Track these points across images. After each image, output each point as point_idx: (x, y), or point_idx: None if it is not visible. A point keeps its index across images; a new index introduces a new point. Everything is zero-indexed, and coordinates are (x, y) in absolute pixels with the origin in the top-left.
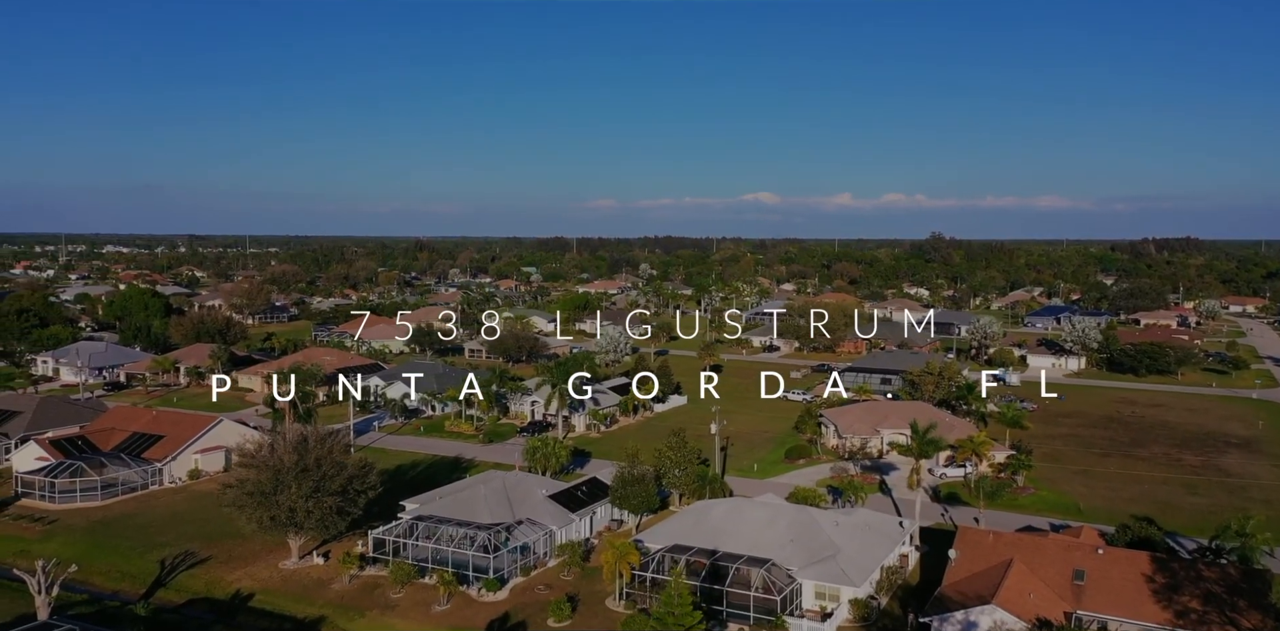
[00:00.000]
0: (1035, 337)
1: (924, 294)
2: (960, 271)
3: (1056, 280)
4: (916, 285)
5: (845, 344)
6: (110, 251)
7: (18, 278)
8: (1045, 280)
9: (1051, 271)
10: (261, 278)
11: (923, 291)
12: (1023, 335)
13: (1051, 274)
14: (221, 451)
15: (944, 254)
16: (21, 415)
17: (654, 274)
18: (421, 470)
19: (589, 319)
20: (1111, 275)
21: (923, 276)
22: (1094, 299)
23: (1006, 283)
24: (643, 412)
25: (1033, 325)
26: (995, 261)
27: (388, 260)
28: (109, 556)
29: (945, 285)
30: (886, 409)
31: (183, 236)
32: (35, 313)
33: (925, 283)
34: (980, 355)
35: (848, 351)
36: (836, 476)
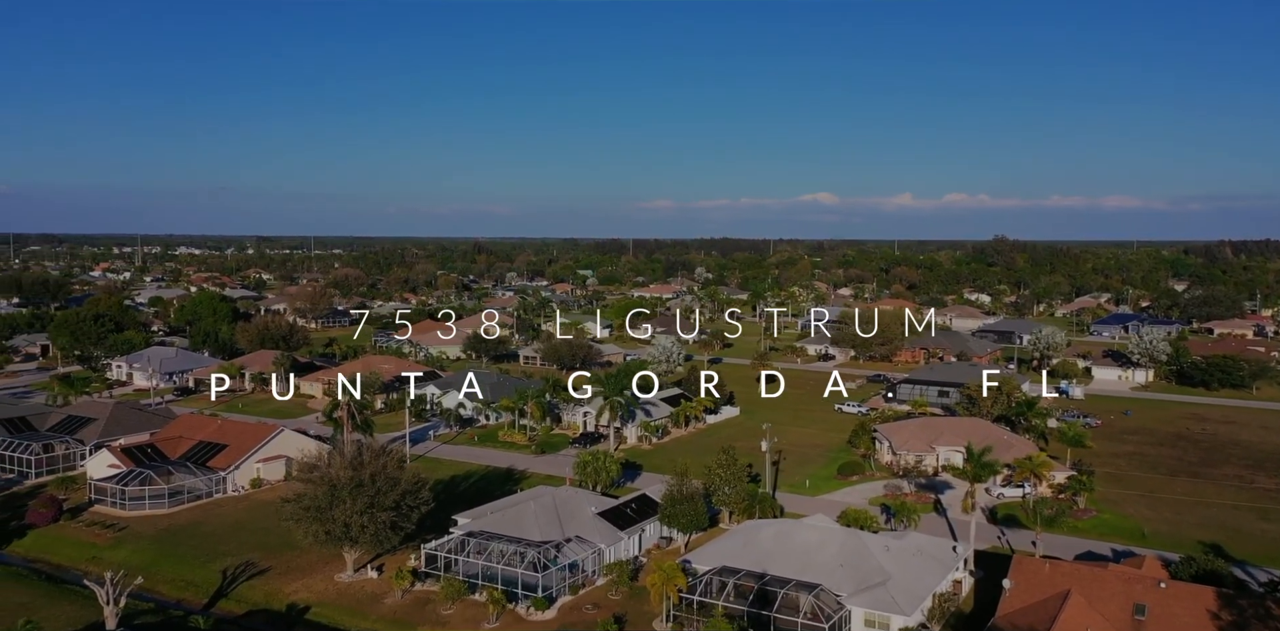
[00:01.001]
0: (1101, 348)
1: (985, 300)
2: (1023, 276)
3: (1125, 286)
4: (978, 291)
5: (902, 353)
6: (183, 253)
7: (97, 280)
8: (1113, 286)
9: (1120, 277)
10: (324, 281)
11: (984, 297)
12: (1088, 345)
13: (1120, 279)
14: (282, 460)
15: (1007, 257)
16: (96, 422)
17: (709, 277)
18: (474, 481)
19: (643, 325)
20: (1184, 280)
21: (984, 281)
22: (1164, 306)
23: (1072, 288)
24: (694, 424)
25: (1099, 334)
26: (1060, 266)
27: (446, 263)
28: (174, 565)
29: (1008, 291)
30: (942, 425)
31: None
32: (111, 317)
33: (987, 288)
34: (1042, 366)
35: (904, 361)
36: (890, 494)
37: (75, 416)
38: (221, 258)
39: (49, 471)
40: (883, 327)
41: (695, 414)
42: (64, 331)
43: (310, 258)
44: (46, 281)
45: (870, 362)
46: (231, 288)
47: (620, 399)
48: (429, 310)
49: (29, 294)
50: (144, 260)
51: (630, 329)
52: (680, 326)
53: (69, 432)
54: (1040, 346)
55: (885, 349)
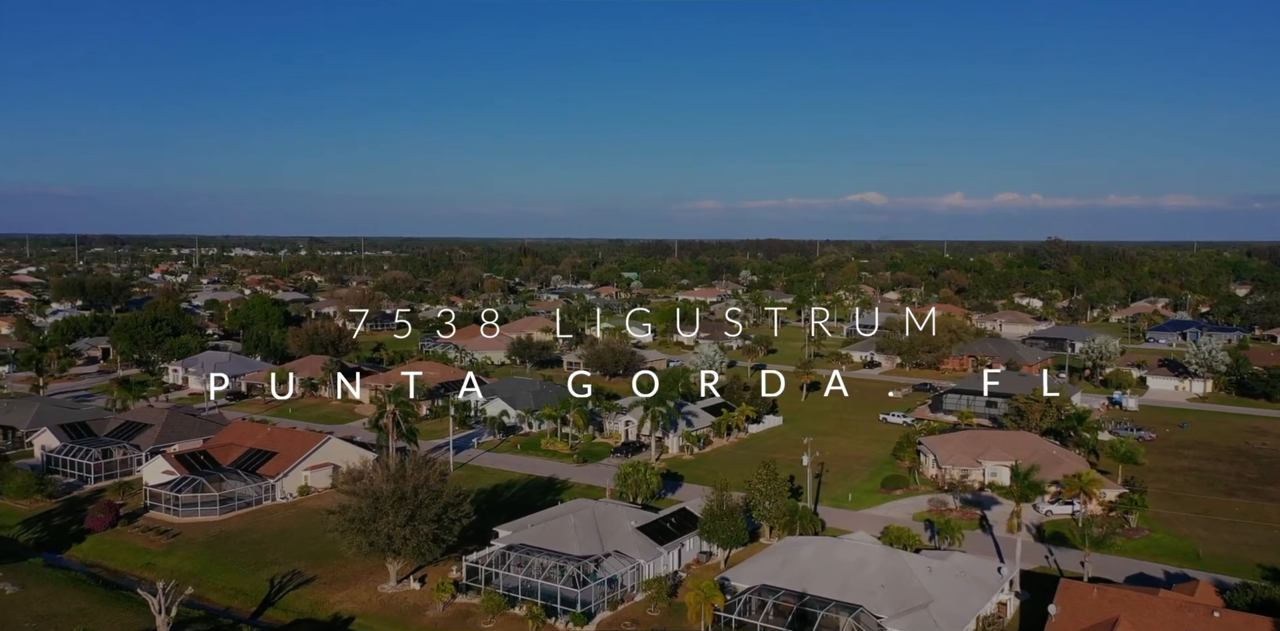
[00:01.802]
0: (1157, 356)
1: (1036, 305)
2: (1077, 280)
3: (1183, 290)
4: (1029, 295)
5: (950, 361)
6: (238, 255)
7: (156, 283)
8: (1171, 290)
9: (1178, 280)
10: (373, 284)
11: (1035, 302)
12: (1143, 353)
13: (1178, 283)
14: (329, 468)
15: (1060, 260)
16: (152, 428)
17: (754, 280)
18: (516, 491)
19: (687, 330)
20: (1246, 284)
21: (1036, 286)
22: (1225, 312)
23: (1127, 293)
24: (736, 433)
25: (1155, 341)
26: (1115, 269)
27: (493, 265)
28: (224, 573)
29: (1060, 295)
30: (989, 439)
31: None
32: (169, 321)
33: (1038, 292)
34: (1095, 376)
35: (952, 369)
36: (934, 510)
37: (133, 422)
38: (275, 259)
39: (107, 476)
40: (930, 334)
41: (737, 423)
42: (124, 335)
43: (360, 259)
44: (108, 284)
45: (917, 370)
46: (284, 290)
47: (662, 409)
48: (474, 314)
49: (92, 297)
50: (201, 262)
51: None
52: (723, 332)
53: (126, 438)
54: (1093, 355)
55: (932, 356)
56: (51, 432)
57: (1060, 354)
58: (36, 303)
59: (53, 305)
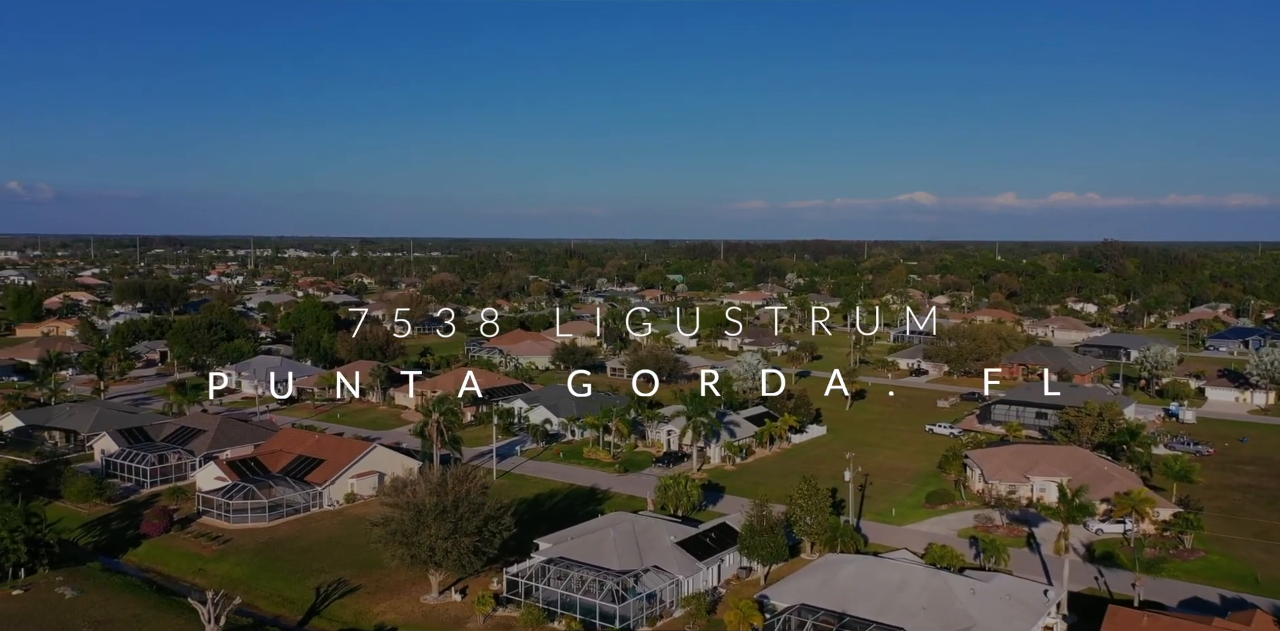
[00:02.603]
0: (1217, 366)
1: (1091, 311)
2: (1134, 284)
3: (1246, 296)
4: (1083, 300)
5: (999, 369)
6: (292, 256)
7: (212, 285)
8: (1233, 295)
9: (1241, 285)
10: (422, 286)
11: (1090, 307)
12: (1202, 362)
13: (1241, 288)
14: (375, 476)
15: (1116, 263)
16: (205, 434)
17: (800, 283)
18: (558, 501)
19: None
20: None
21: (1090, 290)
22: None
23: (1186, 298)
24: (779, 443)
25: (1215, 349)
26: (1174, 273)
27: (539, 267)
28: (272, 580)
29: (1115, 300)
30: (1038, 453)
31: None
32: (223, 325)
33: (1093, 297)
34: (1150, 386)
35: (1002, 377)
36: (980, 526)
37: (187, 427)
38: (326, 261)
39: (162, 481)
40: (978, 342)
41: (780, 434)
42: (180, 339)
43: (409, 261)
44: (167, 287)
45: (965, 378)
46: (335, 292)
47: (704, 419)
48: (520, 318)
49: (152, 299)
50: (256, 263)
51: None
52: (768, 337)
53: (181, 443)
54: (1148, 364)
55: (981, 364)
56: (111, 437)
57: (1114, 362)
58: (99, 305)
59: (114, 307)
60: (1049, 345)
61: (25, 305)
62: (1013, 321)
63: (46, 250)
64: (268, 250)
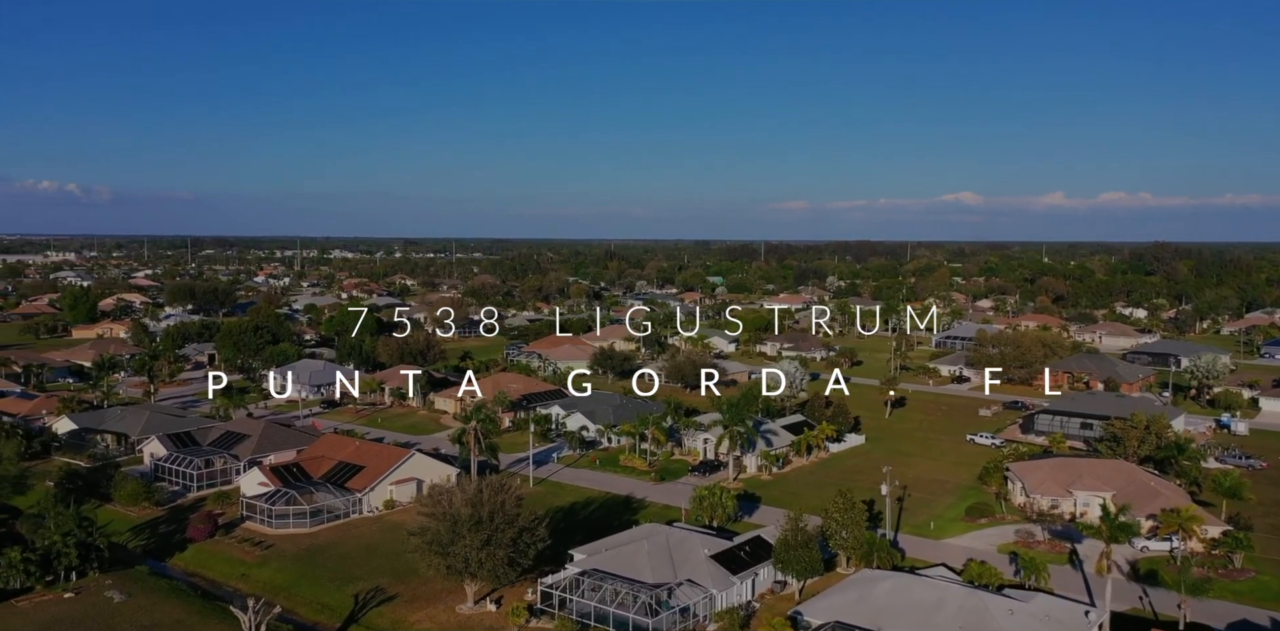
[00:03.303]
0: (1272, 375)
1: (1140, 316)
2: (1186, 288)
3: None
4: (1132, 305)
5: (1043, 376)
6: (337, 257)
7: (260, 286)
8: None
9: None
10: (463, 289)
11: (1139, 313)
12: (1257, 370)
13: None
14: (414, 483)
15: (1167, 265)
16: (250, 438)
17: (841, 286)
18: (594, 509)
19: (770, 340)
20: None
21: (1140, 295)
22: None
23: (1241, 302)
24: (817, 453)
25: (1270, 357)
26: (1229, 276)
27: (579, 269)
28: (312, 587)
29: (1166, 305)
30: (1082, 467)
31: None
32: (269, 329)
33: (1143, 302)
34: (1201, 396)
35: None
36: (1021, 541)
37: (232, 432)
38: (370, 262)
39: (208, 485)
40: (1022, 350)
41: (817, 443)
42: (228, 342)
43: (451, 263)
44: (216, 289)
45: (1008, 386)
46: (378, 294)
47: (740, 428)
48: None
49: (201, 301)
50: (302, 264)
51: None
52: (808, 342)
53: (226, 448)
54: (1200, 373)
55: (1024, 372)
56: (160, 442)
57: (1164, 370)
58: (151, 306)
59: (166, 309)
60: (1095, 352)
61: (81, 307)
62: (1058, 327)
63: (103, 251)
64: (314, 251)
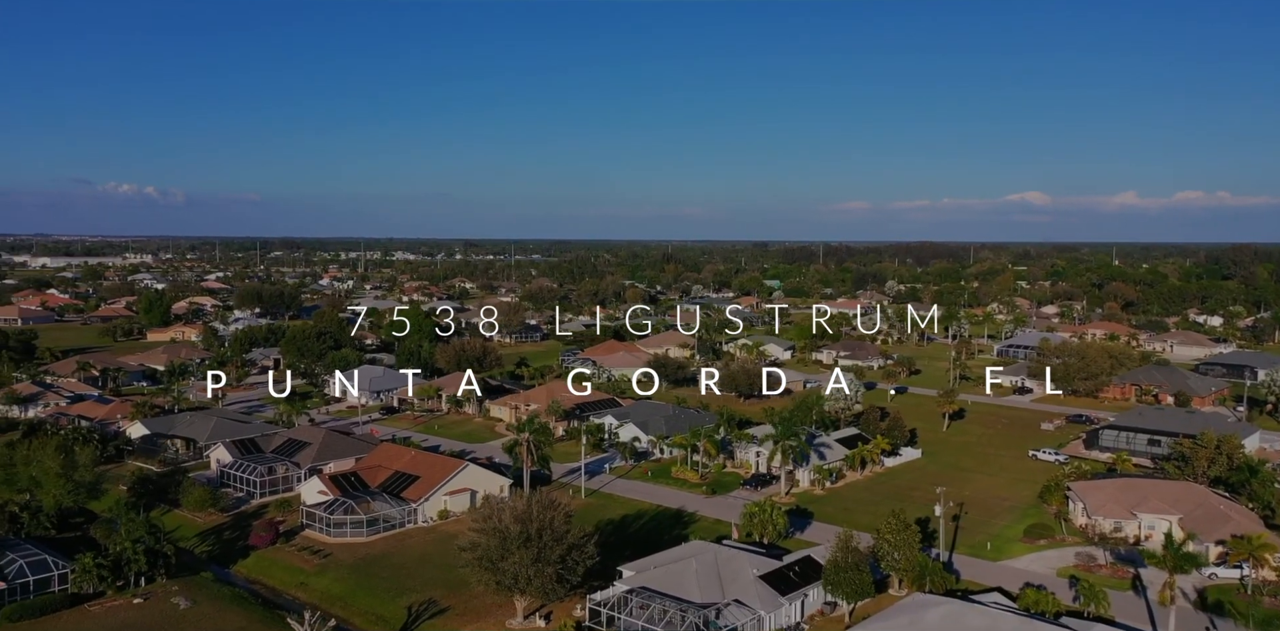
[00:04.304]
0: None
1: (1215, 324)
2: (1265, 295)
3: None
4: (1207, 312)
5: (1109, 389)
6: (399, 259)
7: (324, 289)
8: None
9: None
10: (520, 293)
11: (1214, 320)
12: None
13: None
14: (467, 493)
15: (1246, 270)
16: (310, 446)
17: (900, 290)
18: (645, 522)
19: (826, 348)
20: None
21: (1216, 302)
22: None
23: None
24: (871, 467)
25: None
26: None
27: (635, 272)
28: (368, 597)
29: (1244, 312)
30: (1147, 488)
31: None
32: (331, 334)
33: (1219, 309)
34: (1278, 411)
35: (1112, 398)
36: (1081, 565)
37: (294, 440)
38: (431, 265)
39: (270, 492)
40: (1087, 361)
41: (872, 457)
42: (292, 347)
43: (510, 266)
44: (282, 293)
45: (1072, 398)
46: (438, 297)
47: (793, 442)
48: (614, 327)
49: (268, 304)
50: (366, 267)
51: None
52: (864, 351)
53: (288, 455)
54: (1278, 386)
55: (1090, 384)
56: (225, 448)
57: (1238, 383)
58: (221, 310)
59: (235, 312)
60: (1165, 363)
61: (156, 310)
62: (1127, 335)
63: (177, 253)
64: (377, 253)
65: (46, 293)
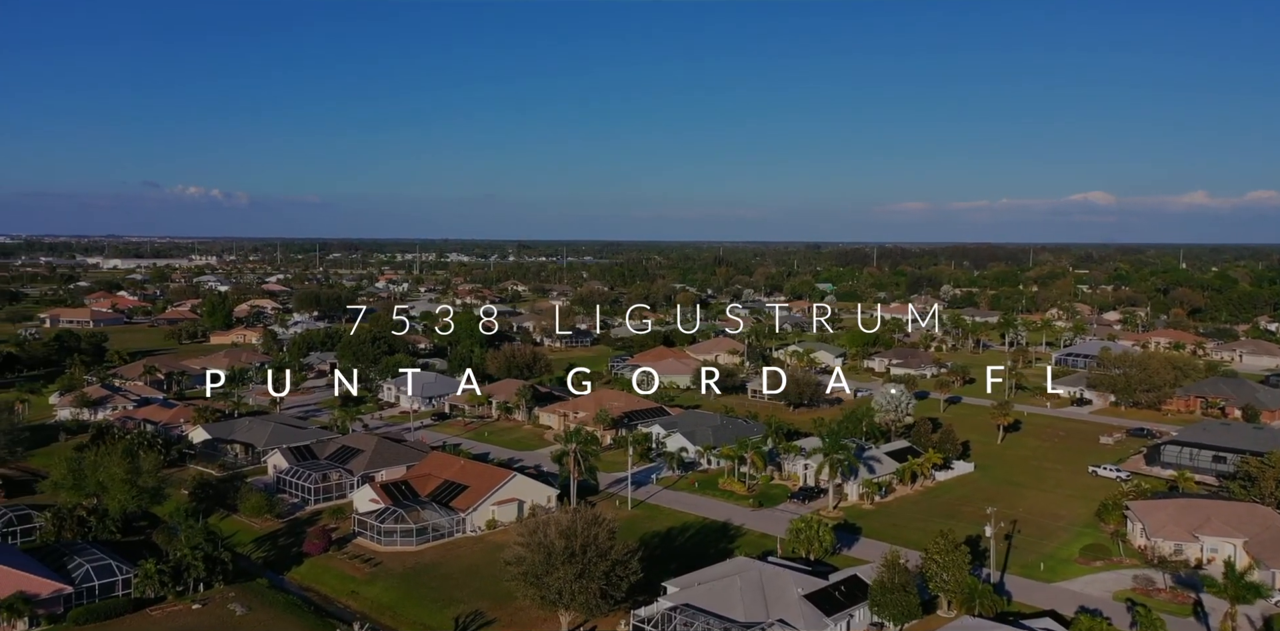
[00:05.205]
0: None
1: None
2: None
3: None
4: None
5: (1173, 401)
6: (454, 261)
7: (380, 292)
8: None
9: None
10: (571, 297)
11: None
12: None
13: None
14: (515, 503)
15: None
16: (363, 454)
17: (956, 294)
18: (690, 535)
19: (878, 355)
20: None
21: None
22: None
23: None
24: (922, 481)
25: None
26: None
27: (686, 275)
28: (416, 607)
29: None
30: (1210, 509)
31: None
32: (385, 340)
33: None
34: None
35: (1176, 411)
36: (1139, 589)
37: (348, 447)
38: (485, 267)
39: (324, 498)
40: (1149, 372)
41: (923, 471)
42: (348, 352)
43: (562, 268)
44: (339, 297)
45: (1133, 411)
46: (491, 300)
47: (841, 456)
48: (664, 332)
49: (326, 307)
50: (420, 269)
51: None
52: (917, 359)
53: (342, 462)
54: None
55: (1152, 396)
56: (282, 454)
57: None
58: (280, 313)
59: (294, 315)
60: (1233, 375)
61: (219, 314)
62: (1193, 344)
63: (240, 254)
64: (432, 254)
65: (116, 295)
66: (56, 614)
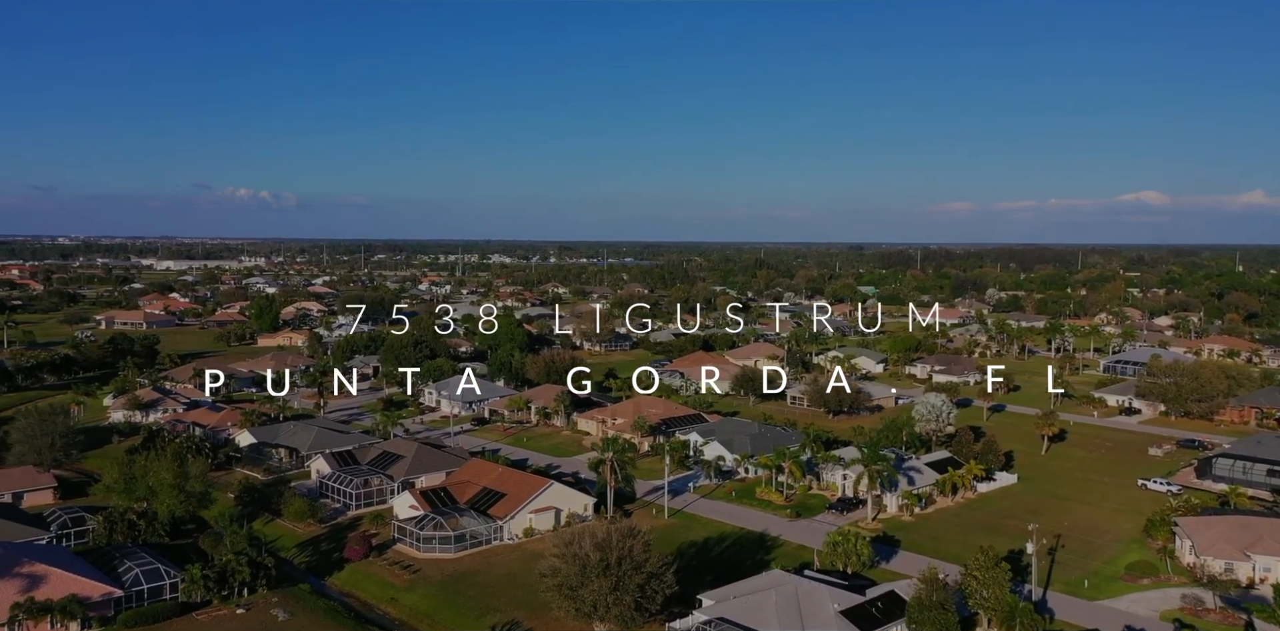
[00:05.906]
0: None
1: None
2: None
3: None
4: None
5: (1226, 411)
6: (495, 263)
7: (423, 294)
8: None
9: None
10: (611, 300)
11: None
12: None
13: None
14: (552, 512)
15: None
16: (404, 460)
17: (1002, 298)
18: (727, 546)
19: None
20: None
21: None
22: None
23: None
24: (963, 492)
25: None
26: None
27: (727, 277)
28: (454, 615)
29: None
30: (1263, 527)
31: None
32: (427, 344)
33: None
34: None
35: (1229, 421)
36: (1187, 609)
37: (389, 453)
38: (525, 269)
39: (365, 504)
40: (1200, 381)
41: (964, 482)
42: (390, 356)
43: (602, 270)
44: (383, 300)
45: (1184, 421)
46: (532, 302)
47: (879, 467)
48: (704, 336)
49: (370, 310)
50: (463, 271)
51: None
52: (960, 365)
53: (382, 468)
54: None
55: (1204, 406)
56: (325, 460)
57: None
58: (326, 315)
59: (339, 318)
60: None
61: (266, 316)
62: (1249, 351)
63: (287, 256)
64: (474, 256)
65: (169, 296)
66: (107, 616)
